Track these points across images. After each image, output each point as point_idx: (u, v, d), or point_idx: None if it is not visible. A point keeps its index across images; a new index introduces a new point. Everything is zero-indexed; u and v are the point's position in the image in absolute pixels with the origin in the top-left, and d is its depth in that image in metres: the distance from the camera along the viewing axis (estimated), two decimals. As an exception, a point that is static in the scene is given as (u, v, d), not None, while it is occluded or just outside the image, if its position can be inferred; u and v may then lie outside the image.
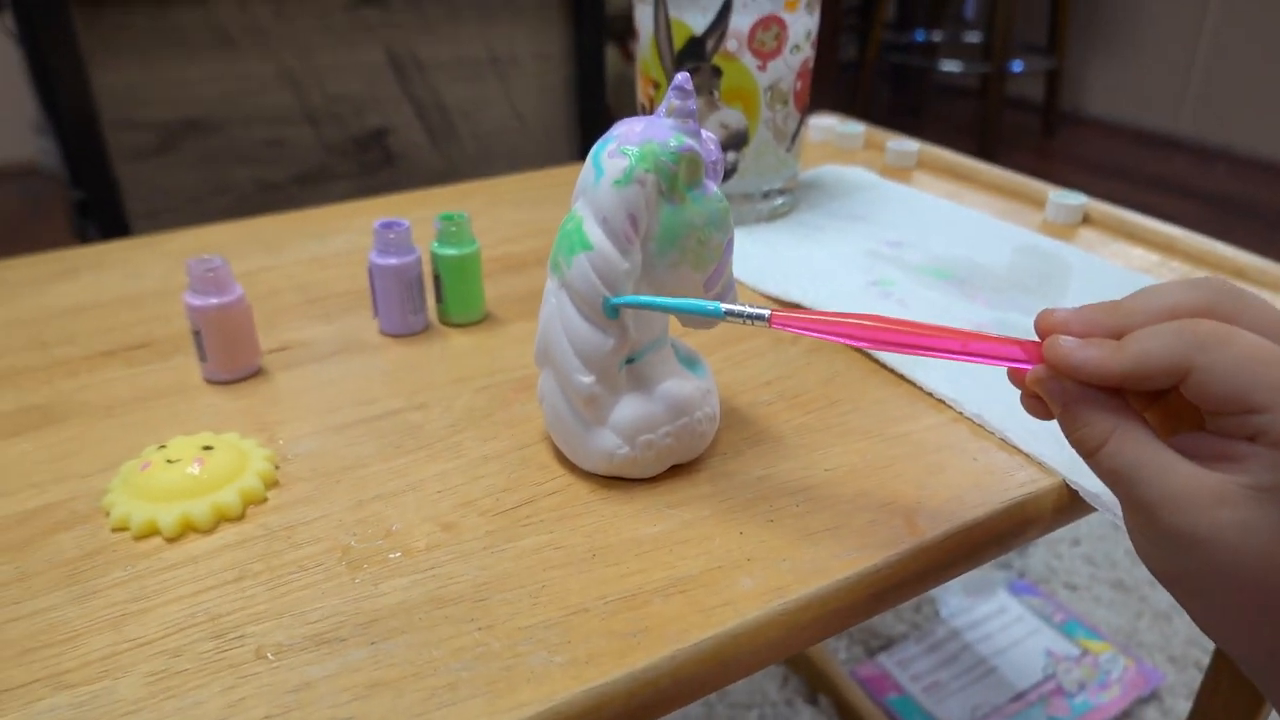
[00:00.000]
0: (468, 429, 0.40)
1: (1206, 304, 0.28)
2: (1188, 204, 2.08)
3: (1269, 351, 0.26)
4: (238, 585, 0.31)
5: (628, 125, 0.34)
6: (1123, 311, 0.29)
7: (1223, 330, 0.27)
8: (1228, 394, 0.26)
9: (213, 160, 0.85)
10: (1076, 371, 0.28)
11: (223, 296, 0.41)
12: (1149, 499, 0.27)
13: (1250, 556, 0.26)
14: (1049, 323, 0.30)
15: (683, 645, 0.29)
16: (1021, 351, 0.30)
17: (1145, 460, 0.27)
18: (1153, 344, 0.27)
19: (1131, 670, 0.94)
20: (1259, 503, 0.26)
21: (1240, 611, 0.28)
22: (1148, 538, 0.29)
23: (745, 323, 0.32)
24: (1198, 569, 0.28)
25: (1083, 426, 0.29)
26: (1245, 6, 2.26)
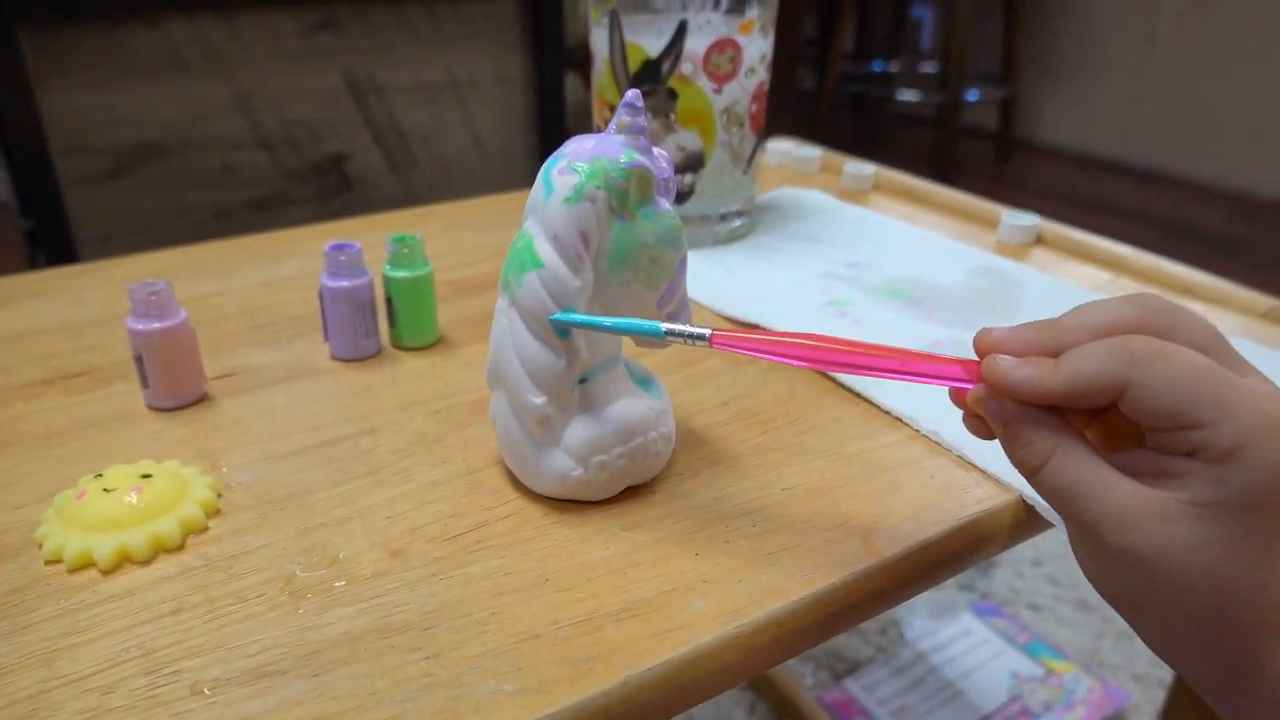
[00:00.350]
0: (419, 453, 0.39)
1: (1141, 320, 0.28)
2: (1137, 227, 2.13)
3: (1204, 366, 0.26)
4: (175, 618, 0.30)
5: (578, 142, 0.34)
6: (1059, 330, 0.28)
7: (1157, 346, 0.27)
8: (1164, 410, 0.26)
9: (167, 186, 0.84)
10: (1014, 391, 0.28)
11: (165, 320, 0.40)
12: (1091, 518, 0.27)
13: (1194, 573, 0.26)
14: (986, 342, 0.29)
15: (635, 671, 0.28)
16: (962, 371, 0.30)
17: (1086, 479, 0.27)
18: (1088, 362, 0.27)
19: (1097, 690, 0.94)
20: (1200, 519, 0.26)
21: (1188, 630, 0.28)
22: (1092, 557, 0.29)
23: (687, 343, 0.32)
24: (1143, 588, 0.27)
25: (1024, 446, 0.29)
26: (1193, 35, 2.34)
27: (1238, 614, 0.27)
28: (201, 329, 0.48)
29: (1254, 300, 0.53)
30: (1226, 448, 0.25)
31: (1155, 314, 0.28)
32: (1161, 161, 2.47)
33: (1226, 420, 0.25)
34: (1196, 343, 0.27)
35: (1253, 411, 0.26)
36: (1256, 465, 0.25)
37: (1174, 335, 0.27)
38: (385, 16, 0.86)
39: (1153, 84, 2.44)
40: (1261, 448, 0.25)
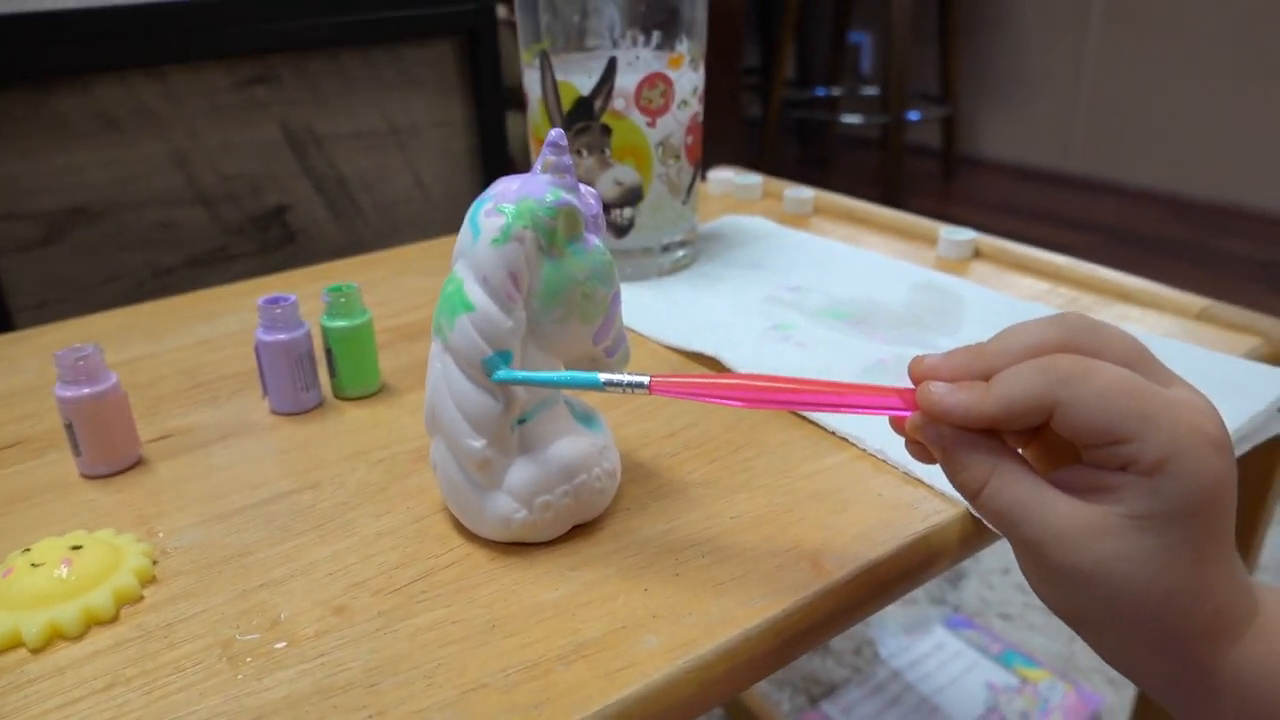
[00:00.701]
0: (362, 505, 0.38)
1: (1066, 340, 0.28)
2: (1079, 234, 2.18)
3: (1130, 381, 0.27)
4: (109, 694, 0.29)
5: (504, 184, 0.34)
6: (988, 353, 0.29)
7: (1083, 365, 0.27)
8: (1093, 426, 0.26)
9: (102, 248, 0.82)
10: (948, 416, 0.29)
11: (94, 386, 0.39)
12: (1033, 537, 0.28)
13: (1136, 584, 0.26)
14: (919, 370, 0.30)
15: (587, 713, 0.28)
16: (899, 399, 0.30)
17: (1025, 499, 0.28)
18: (1017, 384, 0.27)
19: (1071, 696, 0.95)
20: (1138, 531, 0.26)
21: (1134, 641, 0.28)
22: (1037, 574, 0.29)
23: (625, 391, 0.32)
24: (1090, 603, 0.28)
25: (963, 470, 0.29)
26: (1119, 49, 2.41)
27: (1181, 624, 0.27)
28: (135, 392, 0.47)
29: (1188, 302, 0.54)
30: (1156, 460, 0.26)
31: (1079, 333, 0.28)
32: (1098, 170, 2.53)
33: (1153, 433, 0.26)
34: (1121, 358, 0.28)
35: (1178, 422, 0.26)
36: (1185, 475, 0.26)
37: (1099, 352, 0.28)
38: (321, 66, 0.86)
39: (1085, 97, 2.51)
40: (1189, 457, 0.26)
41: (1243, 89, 2.20)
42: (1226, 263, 2.01)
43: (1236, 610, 0.28)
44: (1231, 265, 1.99)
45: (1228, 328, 0.52)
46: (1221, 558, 0.27)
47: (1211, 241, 2.12)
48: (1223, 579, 0.27)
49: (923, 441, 0.30)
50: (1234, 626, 0.28)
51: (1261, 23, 2.14)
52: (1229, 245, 2.09)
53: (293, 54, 0.84)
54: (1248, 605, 0.28)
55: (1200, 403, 0.27)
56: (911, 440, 0.31)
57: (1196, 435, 0.26)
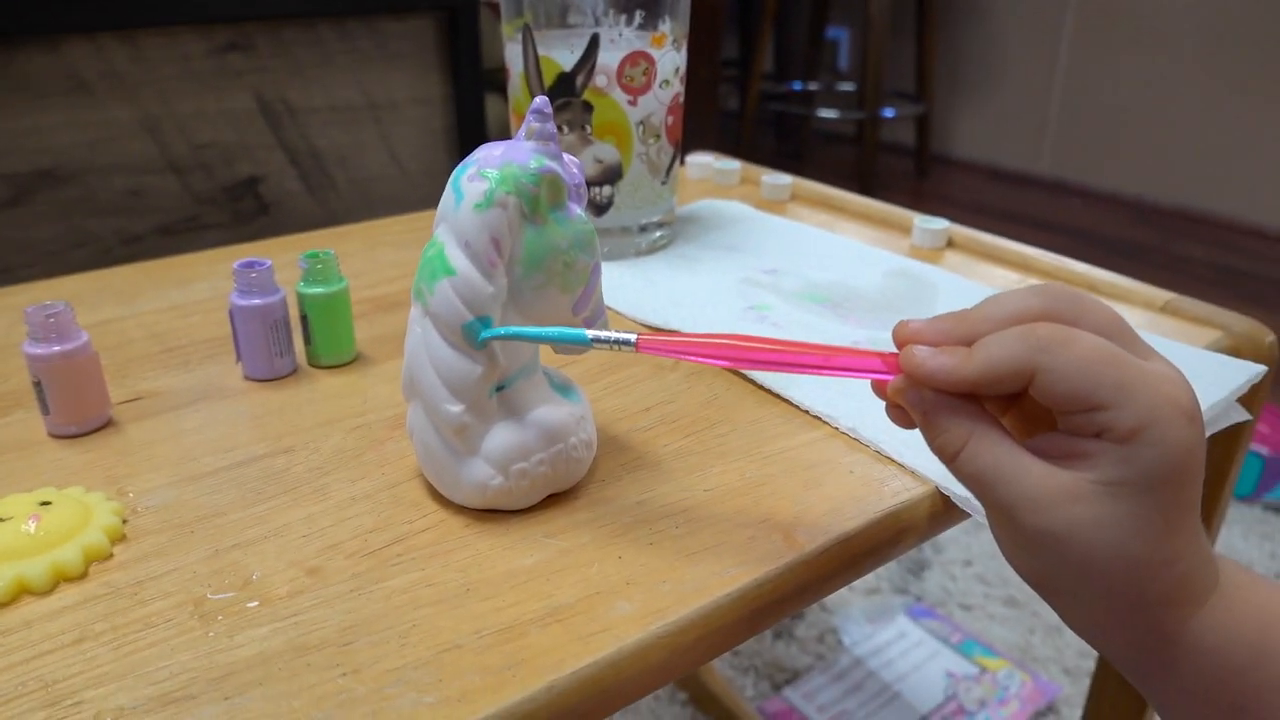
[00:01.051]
0: (336, 470, 0.38)
1: (1048, 309, 0.29)
2: (1047, 235, 2.21)
3: (1108, 351, 0.27)
4: (77, 648, 0.29)
5: (487, 149, 0.34)
6: (971, 320, 0.29)
7: (1063, 332, 0.27)
8: (1071, 393, 0.27)
9: (70, 212, 0.81)
10: (930, 379, 0.29)
11: (65, 344, 0.39)
12: (1007, 500, 0.28)
13: (1105, 550, 0.27)
14: (904, 334, 0.30)
15: (560, 675, 0.28)
16: (881, 363, 0.31)
17: (1001, 463, 0.28)
18: (999, 349, 0.28)
19: (1029, 685, 0.97)
20: (1110, 497, 0.27)
21: (1101, 607, 0.29)
22: (1010, 539, 0.29)
23: (612, 348, 0.32)
24: (1058, 567, 0.28)
25: (942, 433, 0.29)
26: (1093, 53, 2.45)
27: (1149, 589, 0.28)
28: (106, 354, 0.47)
29: (1153, 294, 0.55)
30: (1130, 428, 0.26)
31: (1062, 302, 0.29)
32: (1067, 173, 2.57)
33: (1129, 402, 0.26)
34: (1101, 328, 0.28)
35: (1153, 393, 0.27)
36: (1158, 444, 0.26)
37: (1079, 322, 0.28)
38: (297, 36, 0.85)
39: (1057, 101, 2.54)
40: (1162, 427, 0.26)
41: (1210, 98, 2.25)
42: (1187, 266, 2.05)
43: (1200, 579, 0.28)
44: (1192, 269, 2.04)
45: (1190, 321, 0.53)
46: (1189, 527, 0.28)
47: (1173, 245, 2.16)
48: (1189, 548, 0.28)
49: (904, 405, 0.30)
50: (1197, 594, 0.28)
51: (1229, 35, 2.18)
52: (1190, 249, 2.14)
53: (269, 22, 0.83)
54: (1210, 574, 0.29)
55: (1175, 375, 0.28)
56: (892, 404, 0.31)
57: (1171, 406, 0.27)
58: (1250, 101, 2.18)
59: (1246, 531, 1.20)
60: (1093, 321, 0.28)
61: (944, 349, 0.29)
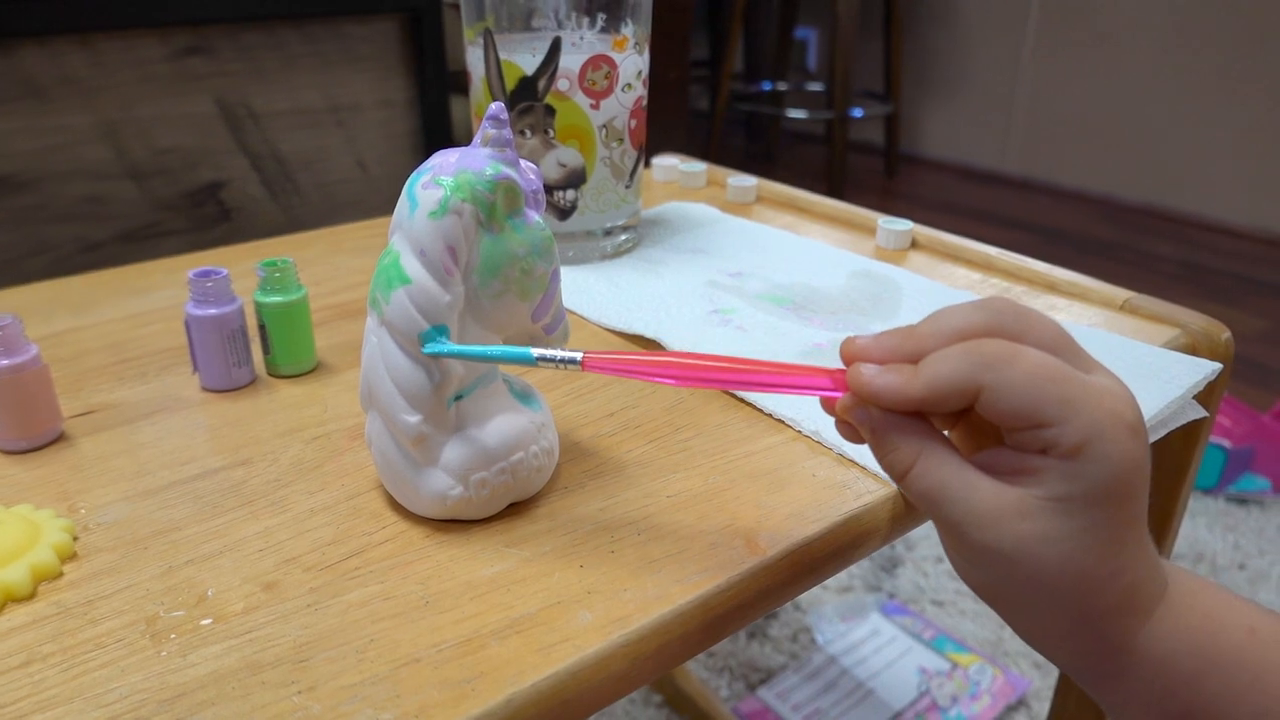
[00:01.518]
0: (295, 482, 0.37)
1: (992, 324, 0.29)
2: (1014, 233, 2.23)
3: (1052, 367, 0.27)
4: (25, 671, 0.28)
5: (442, 156, 0.33)
6: (917, 336, 0.29)
7: (1008, 349, 0.27)
8: (1016, 410, 0.27)
9: (26, 220, 0.79)
10: (876, 398, 0.29)
11: (13, 358, 0.38)
12: (955, 517, 0.28)
13: (1053, 564, 0.27)
14: (850, 351, 0.30)
15: (520, 687, 0.28)
16: (830, 380, 0.31)
17: (949, 481, 0.28)
18: (943, 367, 0.28)
19: (1000, 680, 0.97)
20: (1056, 513, 0.27)
21: (1050, 619, 0.29)
22: (960, 555, 0.30)
23: (559, 367, 0.32)
24: (1008, 582, 0.29)
25: (890, 451, 0.29)
26: (1056, 53, 2.47)
27: (1097, 601, 0.28)
28: (59, 366, 0.46)
29: (1112, 294, 0.56)
30: (1075, 443, 0.27)
31: (1006, 317, 0.29)
32: (1034, 171, 2.60)
33: (1073, 417, 0.27)
34: (1045, 343, 0.28)
35: (1097, 408, 0.27)
36: (1102, 459, 0.27)
37: (1024, 337, 0.28)
38: (258, 40, 0.84)
39: (1022, 100, 2.57)
40: (1107, 442, 0.27)
41: (1174, 97, 2.28)
42: (1153, 263, 2.08)
43: (1148, 589, 0.29)
44: (1155, 265, 2.07)
45: (1149, 319, 0.53)
46: (1135, 539, 0.28)
47: (1139, 242, 2.19)
48: (1136, 559, 0.28)
49: (852, 423, 0.30)
50: (1145, 604, 0.29)
51: (1192, 34, 2.22)
52: (1155, 246, 2.17)
53: (229, 25, 0.82)
54: (1158, 584, 0.29)
55: (1119, 389, 0.28)
56: (841, 420, 0.31)
57: (1115, 421, 0.27)
58: (1214, 99, 2.22)
59: (1211, 523, 1.22)
60: (1037, 336, 0.29)
61: (890, 367, 0.29)
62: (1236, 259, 2.10)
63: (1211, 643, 0.29)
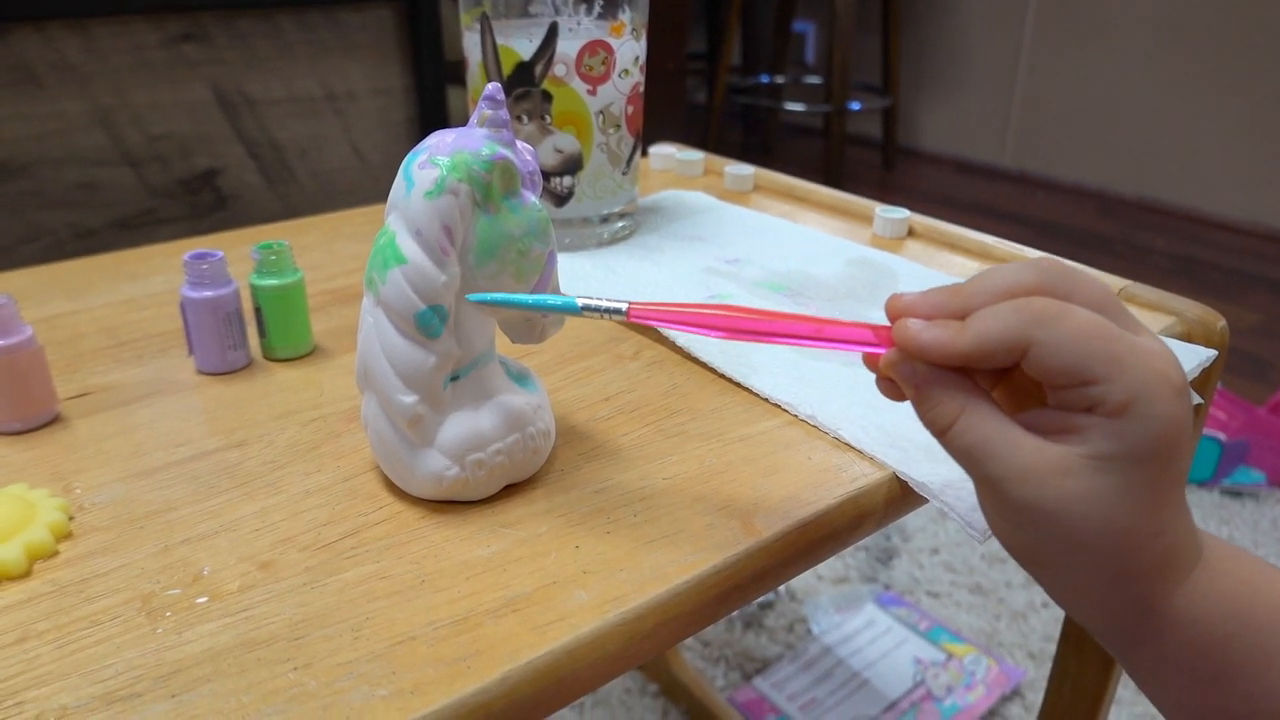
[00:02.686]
0: (291, 464, 0.37)
1: (1041, 283, 0.29)
2: (1012, 227, 2.24)
3: (1100, 325, 0.27)
4: (20, 648, 0.28)
5: (439, 136, 0.33)
6: (965, 294, 0.29)
7: (1057, 307, 0.27)
8: (1064, 367, 0.27)
9: (20, 206, 0.79)
10: (923, 352, 0.29)
11: (7, 338, 0.38)
12: (997, 474, 0.28)
13: (1094, 523, 0.27)
14: (897, 306, 0.30)
15: (515, 665, 0.28)
16: (873, 335, 0.31)
17: (992, 437, 0.28)
18: (993, 323, 0.28)
19: (994, 670, 0.98)
20: (1100, 471, 0.27)
21: (1087, 579, 0.29)
22: (999, 512, 0.29)
23: (604, 317, 0.32)
24: (1046, 540, 0.28)
25: (934, 407, 0.29)
26: (1054, 47, 2.47)
27: (1135, 561, 0.28)
28: (54, 349, 0.46)
29: (1109, 282, 0.56)
30: (1121, 401, 0.27)
31: (1055, 277, 0.29)
32: (1031, 165, 2.60)
33: (1120, 376, 0.27)
34: (1093, 303, 0.28)
35: (1144, 367, 0.27)
36: (1148, 418, 0.27)
37: (1072, 296, 0.28)
38: (253, 26, 0.84)
39: (1020, 94, 2.57)
40: (1152, 401, 0.27)
41: (1171, 92, 2.28)
42: (1148, 257, 2.08)
43: (1185, 551, 0.29)
44: (1152, 259, 2.07)
45: (1145, 306, 0.53)
46: (1175, 500, 0.28)
47: (1135, 236, 2.20)
48: (1175, 520, 0.28)
49: (895, 378, 0.30)
50: (1182, 566, 0.29)
51: (1189, 29, 2.22)
52: (1151, 240, 2.17)
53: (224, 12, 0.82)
54: (1194, 547, 0.29)
55: (1164, 350, 0.28)
56: (883, 377, 0.31)
57: (1160, 380, 0.27)
58: (1211, 94, 2.22)
59: (1205, 516, 1.22)
60: (1085, 296, 0.29)
61: (937, 322, 0.29)
62: (1232, 253, 2.11)
63: (1245, 607, 0.29)
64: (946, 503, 0.35)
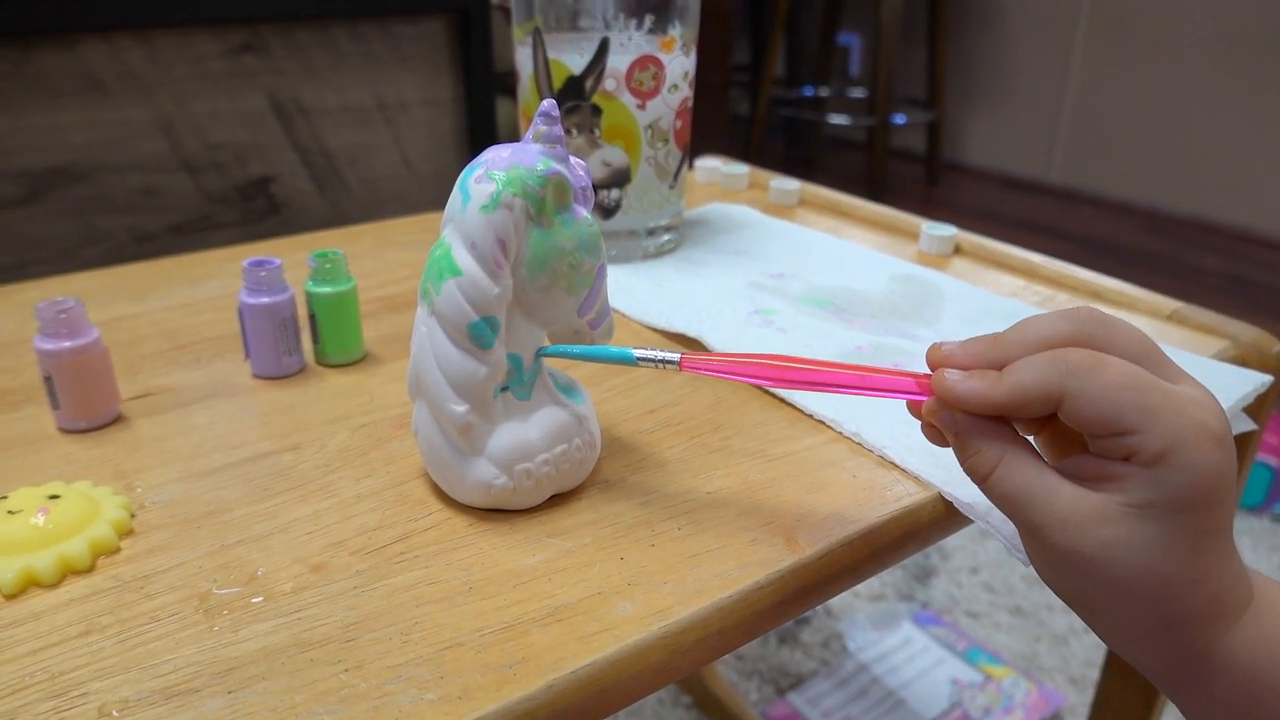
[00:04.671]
0: (342, 468, 0.38)
1: (1078, 334, 0.29)
2: (1057, 243, 2.20)
3: (1135, 376, 0.28)
4: (83, 640, 0.29)
5: (495, 151, 0.34)
6: (1003, 344, 0.30)
7: (1091, 358, 0.28)
8: (1099, 418, 0.27)
9: (83, 210, 0.81)
10: (961, 403, 0.30)
11: (76, 339, 0.39)
12: (1037, 521, 0.29)
13: (1135, 571, 0.27)
14: (937, 356, 0.31)
15: (560, 674, 0.28)
16: (915, 384, 0.32)
17: (1031, 485, 0.29)
18: (1028, 374, 0.28)
19: (1034, 693, 0.96)
20: (1139, 519, 0.27)
21: (1133, 624, 0.29)
22: (1043, 559, 0.30)
23: (658, 367, 0.34)
24: (1091, 586, 0.29)
25: (974, 454, 0.30)
26: (1105, 62, 2.44)
27: (1179, 607, 0.28)
28: (117, 351, 0.47)
29: (1159, 304, 0.55)
30: (1157, 451, 0.27)
31: (1092, 326, 0.29)
32: (1079, 181, 2.56)
33: (1155, 426, 0.27)
34: (1130, 353, 0.29)
35: (1180, 417, 0.27)
36: (1185, 467, 0.27)
37: (1109, 347, 0.29)
38: (310, 38, 0.86)
39: (1068, 109, 2.53)
40: (1189, 451, 0.27)
41: (1223, 107, 2.24)
42: (1198, 276, 2.04)
43: (1232, 597, 0.29)
44: (1203, 278, 2.03)
45: (1197, 329, 0.53)
46: (1219, 547, 0.28)
47: (1185, 255, 2.15)
48: (1219, 567, 0.28)
49: (937, 425, 0.31)
50: (1229, 612, 0.29)
51: (1241, 43, 2.17)
52: (1201, 259, 2.13)
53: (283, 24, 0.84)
54: (1243, 592, 0.29)
55: (1204, 398, 0.28)
56: (926, 424, 0.32)
57: (1198, 429, 0.27)
58: (1264, 111, 2.17)
59: (1256, 543, 1.19)
60: (1123, 346, 0.29)
61: (975, 373, 0.30)
62: (1286, 274, 2.06)
63: None
64: (993, 524, 0.35)
